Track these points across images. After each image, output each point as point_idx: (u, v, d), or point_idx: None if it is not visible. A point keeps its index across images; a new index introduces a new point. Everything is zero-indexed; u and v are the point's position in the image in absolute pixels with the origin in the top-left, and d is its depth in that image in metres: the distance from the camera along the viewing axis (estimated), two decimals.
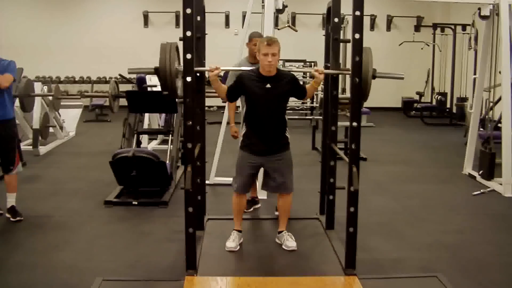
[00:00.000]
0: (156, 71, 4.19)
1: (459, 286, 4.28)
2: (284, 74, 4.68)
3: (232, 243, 4.79)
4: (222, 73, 5.89)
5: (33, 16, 15.87)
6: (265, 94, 4.56)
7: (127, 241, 5.31)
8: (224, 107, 7.74)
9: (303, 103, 13.42)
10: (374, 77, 4.28)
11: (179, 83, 4.29)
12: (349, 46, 4.20)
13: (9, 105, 5.77)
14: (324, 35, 5.45)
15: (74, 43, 15.83)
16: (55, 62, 15.76)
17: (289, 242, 4.83)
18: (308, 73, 12.41)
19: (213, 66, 4.40)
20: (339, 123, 5.30)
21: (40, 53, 15.58)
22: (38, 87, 9.40)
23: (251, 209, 5.91)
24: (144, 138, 9.38)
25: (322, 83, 4.95)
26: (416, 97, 15.80)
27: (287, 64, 12.82)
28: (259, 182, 5.53)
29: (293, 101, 12.67)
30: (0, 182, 6.29)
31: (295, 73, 4.98)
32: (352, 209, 4.18)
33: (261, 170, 4.94)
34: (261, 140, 4.68)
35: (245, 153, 4.78)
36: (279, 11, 7.04)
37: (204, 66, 5.05)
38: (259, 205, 6.15)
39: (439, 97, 14.79)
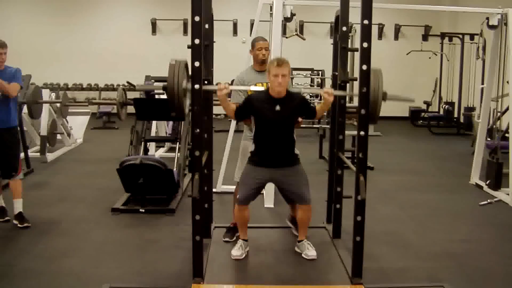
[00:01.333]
0: (165, 90, 4.17)
1: None
2: (293, 96, 4.63)
3: (237, 251, 4.78)
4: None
5: (41, 23, 15.95)
6: (274, 116, 4.54)
7: (134, 248, 5.32)
8: None
9: None
10: (384, 99, 4.24)
11: (187, 102, 4.27)
12: (357, 54, 4.20)
13: (14, 113, 5.83)
14: (332, 44, 5.46)
15: (82, 50, 15.91)
16: (63, 69, 15.83)
17: (309, 251, 4.81)
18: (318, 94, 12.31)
19: (222, 85, 4.36)
20: (347, 132, 5.30)
21: (48, 60, 15.66)
22: (46, 94, 9.44)
23: (234, 237, 5.18)
24: (152, 145, 9.40)
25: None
26: (424, 107, 15.77)
27: (294, 72, 12.82)
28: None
29: None
30: (5, 190, 6.30)
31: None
32: (359, 218, 4.18)
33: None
34: (270, 157, 4.66)
35: (252, 166, 4.74)
36: (287, 20, 7.05)
37: (212, 75, 5.07)
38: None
39: (447, 106, 14.76)
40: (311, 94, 11.97)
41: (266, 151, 4.67)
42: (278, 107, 4.52)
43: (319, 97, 11.99)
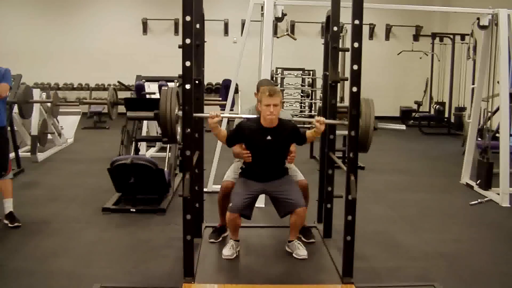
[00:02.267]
0: (156, 117, 4.17)
1: None
2: (285, 125, 4.65)
3: (228, 251, 4.79)
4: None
5: (32, 23, 15.89)
6: (265, 146, 4.60)
7: (125, 248, 5.31)
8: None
9: (301, 111, 13.43)
10: (375, 128, 4.26)
11: (178, 129, 4.27)
12: (348, 54, 4.21)
13: (2, 113, 5.82)
14: (323, 44, 5.46)
15: (73, 50, 15.87)
16: (53, 69, 15.78)
17: (300, 250, 4.83)
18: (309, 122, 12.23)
19: (213, 113, 4.33)
20: (337, 132, 5.30)
21: (38, 60, 15.60)
22: (36, 94, 9.40)
23: (220, 238, 5.21)
24: (142, 145, 9.39)
25: (319, 91, 4.94)
26: (415, 107, 15.82)
27: (285, 72, 12.84)
28: None
29: (291, 110, 12.69)
30: None
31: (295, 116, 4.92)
32: (349, 218, 4.19)
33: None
34: (260, 175, 4.74)
35: (244, 179, 4.82)
36: (278, 19, 7.05)
37: (203, 74, 5.08)
38: (227, 233, 5.24)
39: (437, 106, 14.79)
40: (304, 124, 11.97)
41: (256, 171, 4.76)
42: (269, 137, 4.57)
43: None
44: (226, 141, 4.72)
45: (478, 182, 7.68)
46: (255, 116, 4.75)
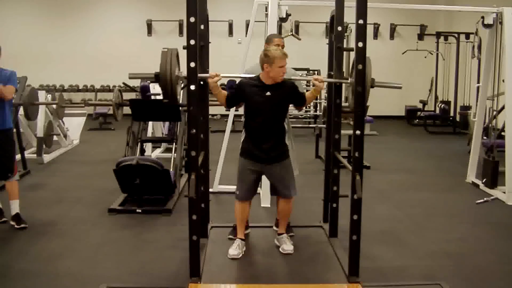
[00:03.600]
0: (156, 77, 4.21)
1: None
2: (285, 82, 4.73)
3: (234, 250, 4.81)
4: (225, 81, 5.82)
5: (37, 25, 15.96)
6: (265, 102, 4.65)
7: (131, 249, 5.32)
8: (227, 115, 7.74)
9: (306, 111, 13.43)
10: (372, 86, 4.30)
11: (179, 90, 4.31)
12: (352, 54, 4.21)
13: (8, 115, 5.84)
14: (327, 44, 5.47)
15: (78, 51, 15.91)
16: (59, 71, 15.83)
17: (286, 245, 4.91)
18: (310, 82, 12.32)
19: (214, 73, 4.47)
20: (343, 132, 5.30)
21: (44, 62, 15.65)
22: (42, 96, 9.41)
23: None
24: (148, 146, 9.40)
25: (324, 91, 4.99)
26: (420, 106, 15.80)
27: None
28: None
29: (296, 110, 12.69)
30: (1, 191, 6.28)
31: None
32: (355, 217, 4.19)
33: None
34: (260, 146, 4.75)
35: (245, 160, 4.85)
36: (282, 20, 7.06)
37: None
38: (248, 230, 5.35)
39: (443, 105, 14.78)
40: (307, 84, 11.93)
41: (256, 138, 4.78)
42: (268, 93, 4.65)
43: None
44: (225, 101, 4.79)
45: (484, 181, 7.67)
46: (254, 76, 4.80)
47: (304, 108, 5.72)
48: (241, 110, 5.32)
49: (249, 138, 4.83)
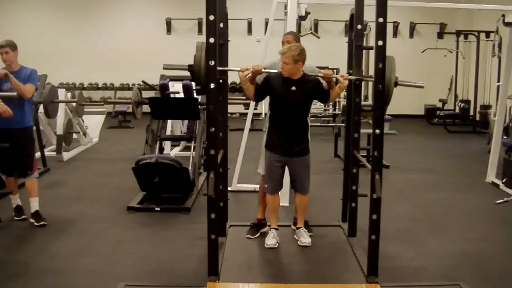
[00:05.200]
0: (190, 68, 4.25)
1: None
2: (309, 79, 4.82)
3: (271, 240, 4.94)
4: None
5: (57, 24, 16.07)
6: (289, 96, 4.76)
7: (149, 247, 5.34)
8: (246, 114, 7.72)
9: (325, 110, 13.42)
10: (396, 84, 4.29)
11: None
12: (372, 53, 4.19)
13: (28, 113, 5.88)
14: (347, 42, 5.45)
15: (97, 50, 16.00)
16: (78, 69, 15.93)
17: (304, 238, 5.00)
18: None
19: (244, 67, 4.59)
20: (362, 130, 5.28)
21: (64, 60, 15.73)
22: (62, 94, 9.47)
23: (258, 234, 5.23)
24: (167, 144, 9.43)
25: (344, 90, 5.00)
26: (439, 105, 15.70)
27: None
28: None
29: (315, 108, 12.69)
30: (21, 189, 6.32)
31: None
32: (374, 217, 4.17)
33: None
34: (284, 139, 4.85)
35: (271, 154, 4.96)
36: (301, 18, 7.04)
37: (227, 74, 5.08)
38: (266, 228, 5.29)
39: (462, 104, 14.69)
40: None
41: (280, 131, 4.88)
42: (293, 88, 4.76)
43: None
44: (254, 94, 4.89)
45: (504, 180, 7.60)
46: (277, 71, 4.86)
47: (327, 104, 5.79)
48: (259, 109, 5.32)
49: (273, 131, 4.93)
